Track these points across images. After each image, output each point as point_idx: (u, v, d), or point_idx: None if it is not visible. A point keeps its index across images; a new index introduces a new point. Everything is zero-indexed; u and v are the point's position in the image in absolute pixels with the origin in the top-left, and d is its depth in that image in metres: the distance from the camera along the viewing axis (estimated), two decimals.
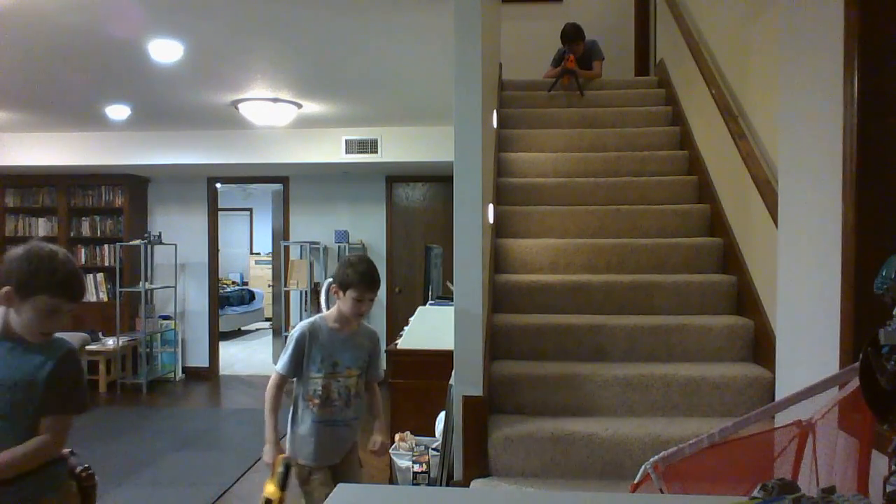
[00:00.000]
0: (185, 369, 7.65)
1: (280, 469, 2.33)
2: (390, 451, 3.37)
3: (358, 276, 2.45)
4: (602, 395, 2.87)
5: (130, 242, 7.12)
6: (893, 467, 1.11)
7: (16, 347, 1.72)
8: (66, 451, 1.83)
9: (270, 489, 2.32)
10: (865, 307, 1.79)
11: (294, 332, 2.55)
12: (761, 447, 1.65)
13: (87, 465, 1.88)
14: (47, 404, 1.70)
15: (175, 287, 7.53)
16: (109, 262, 7.33)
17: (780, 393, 2.40)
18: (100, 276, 7.33)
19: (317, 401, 2.48)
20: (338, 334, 2.53)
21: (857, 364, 1.16)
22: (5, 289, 1.66)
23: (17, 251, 1.69)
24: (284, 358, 2.51)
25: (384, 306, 7.52)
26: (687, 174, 4.18)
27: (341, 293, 2.48)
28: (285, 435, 2.60)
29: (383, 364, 2.79)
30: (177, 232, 7.57)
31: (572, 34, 5.21)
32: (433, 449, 3.13)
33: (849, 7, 1.85)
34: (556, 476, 2.65)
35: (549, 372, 2.92)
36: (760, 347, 3.01)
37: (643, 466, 1.61)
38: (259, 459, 4.69)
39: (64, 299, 1.70)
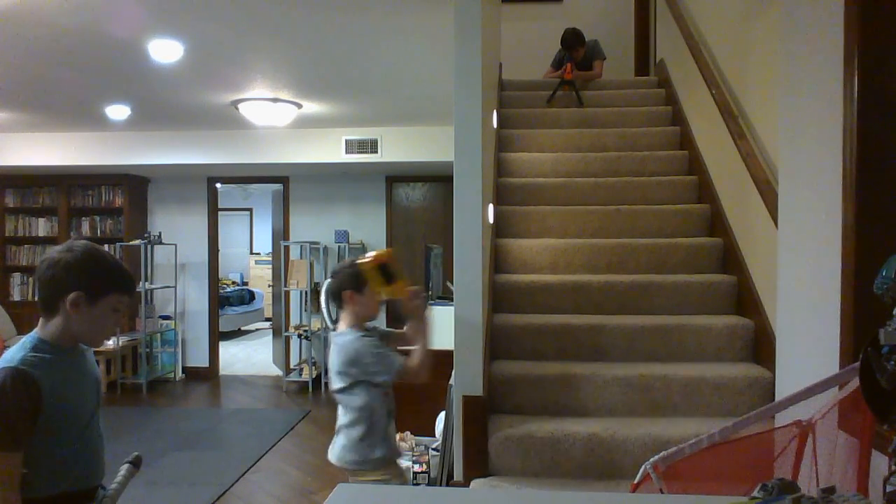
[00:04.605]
0: (185, 369, 7.65)
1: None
2: None
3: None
4: (602, 396, 2.87)
5: (130, 242, 7.12)
6: (893, 467, 1.11)
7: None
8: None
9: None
10: (865, 307, 1.79)
11: (368, 344, 2.42)
12: (761, 447, 1.65)
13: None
14: None
15: (175, 287, 7.53)
16: None
17: (780, 393, 2.40)
18: None
19: (386, 412, 2.47)
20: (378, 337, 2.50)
21: (857, 364, 1.16)
22: (73, 295, 1.55)
23: (68, 256, 1.57)
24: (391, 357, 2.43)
25: (384, 306, 7.51)
26: (687, 174, 4.18)
27: (357, 294, 2.44)
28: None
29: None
30: (177, 232, 7.57)
31: (571, 40, 5.21)
32: (433, 449, 3.14)
33: (849, 6, 1.85)
34: (556, 476, 2.65)
35: (549, 372, 2.92)
36: (760, 347, 3.01)
37: (643, 466, 1.61)
38: (259, 459, 4.71)
39: (128, 294, 1.66)
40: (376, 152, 6.46)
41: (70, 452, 1.61)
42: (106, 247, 8.07)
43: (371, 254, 2.44)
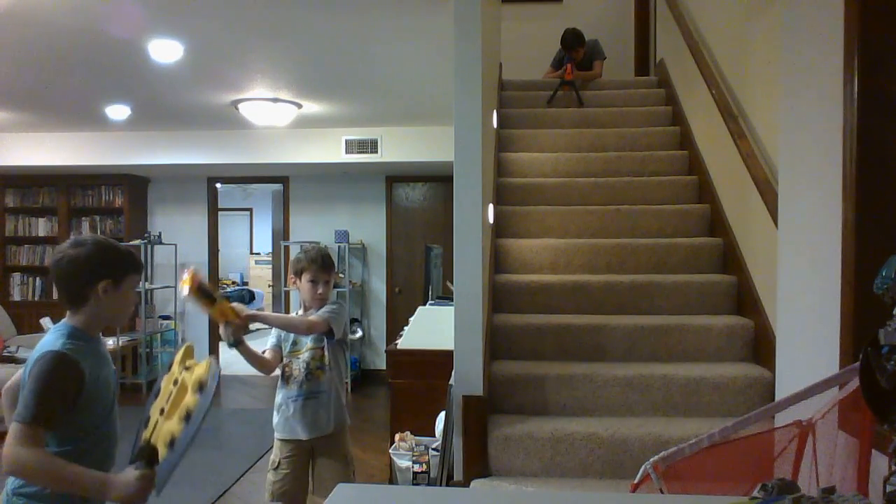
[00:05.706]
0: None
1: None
2: (390, 451, 3.37)
3: (309, 259, 2.67)
4: (602, 395, 2.87)
5: (130, 242, 7.11)
6: (893, 467, 1.11)
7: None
8: None
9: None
10: (865, 307, 1.79)
11: None
12: (761, 447, 1.65)
13: None
14: None
15: (175, 287, 7.52)
16: None
17: (780, 393, 2.40)
18: None
19: (281, 380, 2.68)
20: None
21: (857, 364, 1.16)
22: (103, 283, 1.67)
23: (83, 250, 1.68)
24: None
25: (384, 306, 7.52)
26: (687, 174, 4.17)
27: (298, 280, 2.68)
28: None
29: (339, 321, 2.66)
30: (177, 232, 7.56)
31: (572, 41, 5.20)
32: (433, 449, 3.13)
33: (849, 7, 1.85)
34: (556, 476, 2.65)
35: (549, 372, 2.92)
36: (760, 347, 3.01)
37: (643, 466, 1.61)
38: (259, 459, 4.70)
39: (139, 273, 1.81)
40: (376, 152, 6.46)
41: (92, 437, 1.68)
42: None
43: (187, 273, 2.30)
